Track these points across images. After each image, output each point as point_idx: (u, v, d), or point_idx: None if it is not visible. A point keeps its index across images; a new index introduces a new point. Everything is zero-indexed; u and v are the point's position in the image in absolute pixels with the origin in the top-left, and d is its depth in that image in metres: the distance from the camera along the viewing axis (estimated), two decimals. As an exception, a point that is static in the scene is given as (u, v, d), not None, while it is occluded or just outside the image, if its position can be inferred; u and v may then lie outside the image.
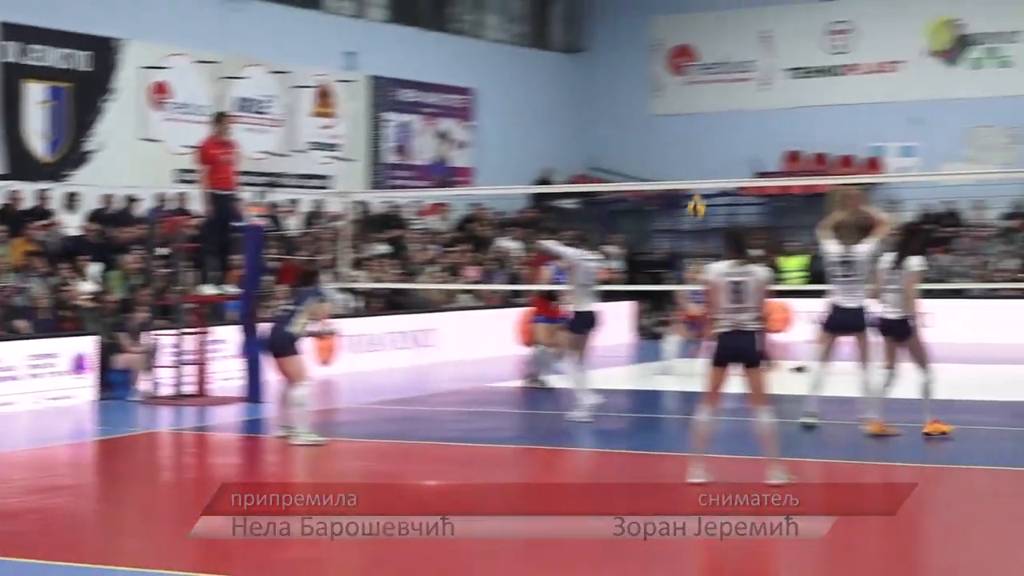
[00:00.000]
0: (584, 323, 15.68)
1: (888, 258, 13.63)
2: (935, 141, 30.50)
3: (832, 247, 13.89)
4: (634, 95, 33.52)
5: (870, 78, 31.68)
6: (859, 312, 13.70)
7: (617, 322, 28.68)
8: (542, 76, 33.07)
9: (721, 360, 10.96)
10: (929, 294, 15.10)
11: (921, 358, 13.68)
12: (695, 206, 15.96)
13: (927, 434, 13.69)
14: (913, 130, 31.01)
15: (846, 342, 14.05)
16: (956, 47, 30.92)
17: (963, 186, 28.80)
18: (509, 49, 32.46)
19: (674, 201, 32.45)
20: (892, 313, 13.53)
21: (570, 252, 15.71)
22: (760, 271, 11.07)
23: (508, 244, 28.23)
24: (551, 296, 18.70)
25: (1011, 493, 11.68)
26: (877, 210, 14.93)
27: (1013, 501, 11.31)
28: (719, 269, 11.07)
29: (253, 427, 16.07)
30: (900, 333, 13.53)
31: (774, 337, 15.88)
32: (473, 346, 23.70)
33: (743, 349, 10.88)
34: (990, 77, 30.52)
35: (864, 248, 13.71)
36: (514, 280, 25.54)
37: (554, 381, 18.38)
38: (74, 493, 11.97)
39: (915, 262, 13.53)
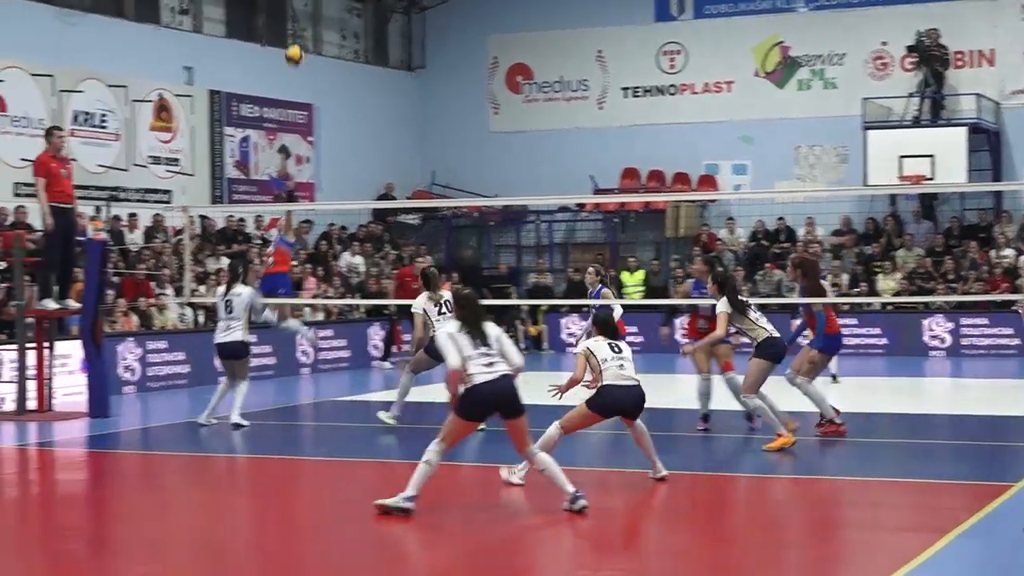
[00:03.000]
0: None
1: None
2: (766, 159, 31.30)
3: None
4: (473, 112, 33.80)
5: (703, 97, 32.36)
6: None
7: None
8: (382, 93, 33.17)
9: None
10: (764, 309, 15.63)
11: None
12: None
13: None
14: (745, 149, 31.78)
15: None
16: (784, 69, 31.75)
17: (794, 204, 29.60)
18: (348, 65, 32.49)
19: (514, 217, 32.84)
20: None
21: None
22: None
23: (351, 259, 28.32)
24: None
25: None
26: None
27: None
28: None
29: (97, 442, 15.90)
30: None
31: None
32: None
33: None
34: (817, 98, 31.39)
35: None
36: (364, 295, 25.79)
37: None
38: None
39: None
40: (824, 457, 14.17)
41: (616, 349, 11.72)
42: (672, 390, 19.54)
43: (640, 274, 29.24)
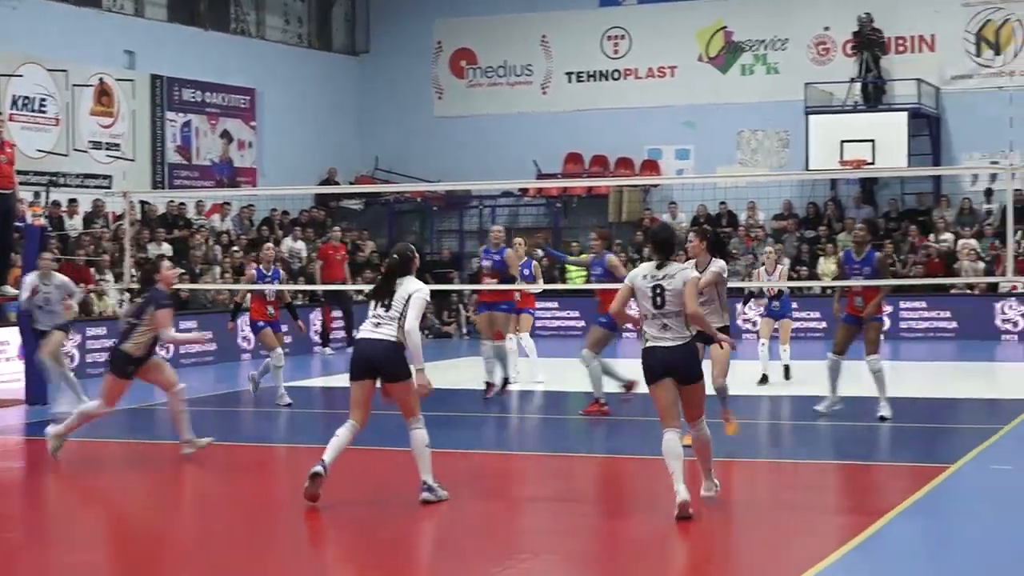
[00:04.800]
0: None
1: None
2: (709, 144, 31.41)
3: None
4: (417, 97, 33.73)
5: (646, 83, 32.43)
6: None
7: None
8: (325, 77, 33.04)
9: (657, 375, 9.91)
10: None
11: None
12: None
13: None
14: (688, 133, 31.89)
15: None
16: (727, 54, 31.86)
17: (736, 188, 29.78)
18: (291, 50, 32.35)
19: (457, 202, 32.80)
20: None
21: None
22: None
23: (293, 245, 28.21)
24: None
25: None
26: None
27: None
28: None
29: (35, 429, 15.75)
30: None
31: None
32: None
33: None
34: (759, 83, 31.52)
35: None
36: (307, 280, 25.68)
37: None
38: None
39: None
40: (758, 441, 14.23)
41: (659, 299, 9.72)
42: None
43: (584, 258, 29.23)
